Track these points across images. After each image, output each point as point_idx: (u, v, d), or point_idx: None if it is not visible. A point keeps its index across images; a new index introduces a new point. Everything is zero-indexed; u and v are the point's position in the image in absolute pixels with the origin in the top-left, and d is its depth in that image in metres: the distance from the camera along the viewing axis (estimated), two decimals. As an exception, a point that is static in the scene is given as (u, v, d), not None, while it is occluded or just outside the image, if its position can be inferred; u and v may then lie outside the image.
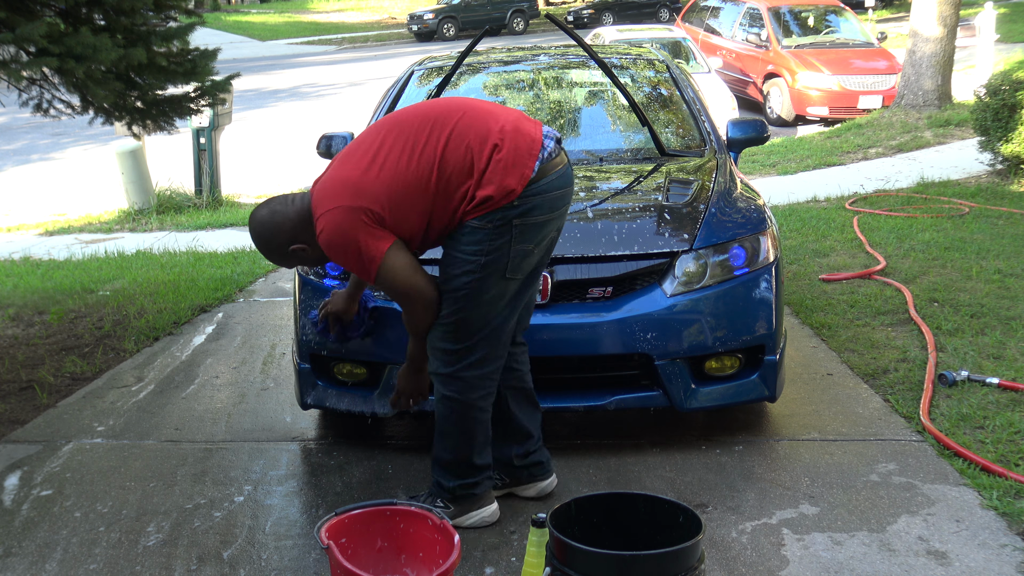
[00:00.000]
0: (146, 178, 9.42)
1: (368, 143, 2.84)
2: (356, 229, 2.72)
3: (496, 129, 2.80)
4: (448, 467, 3.06)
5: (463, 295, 2.84)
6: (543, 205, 2.84)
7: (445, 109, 2.87)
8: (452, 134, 2.79)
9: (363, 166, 2.78)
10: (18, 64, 4.13)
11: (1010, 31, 19.04)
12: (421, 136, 2.79)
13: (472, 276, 2.83)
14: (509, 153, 2.77)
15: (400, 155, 2.77)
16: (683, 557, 2.21)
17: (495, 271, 2.83)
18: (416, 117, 2.86)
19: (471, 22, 31.68)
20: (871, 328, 4.88)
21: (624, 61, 5.23)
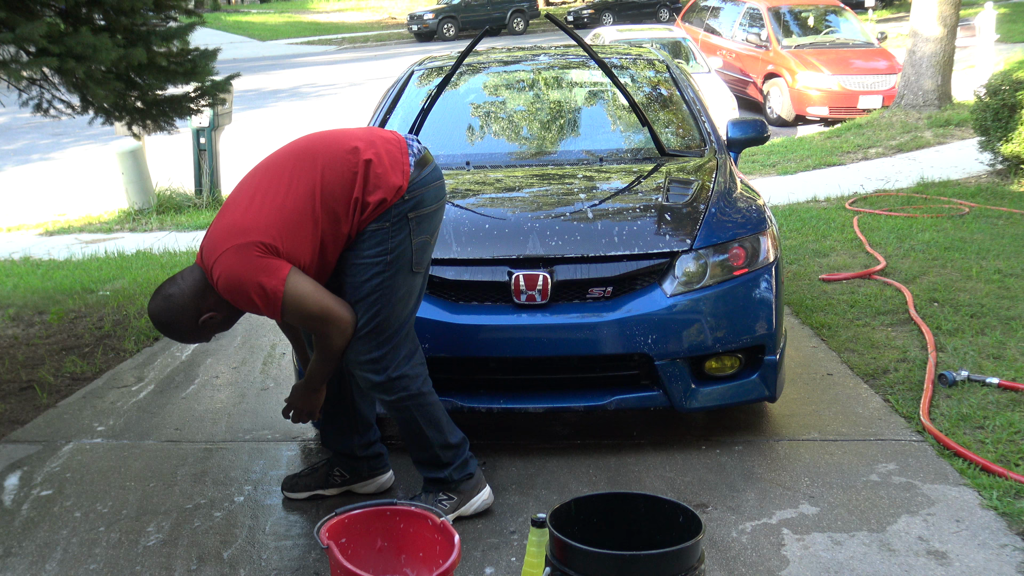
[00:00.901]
0: (146, 178, 9.41)
1: (240, 193, 2.89)
2: (251, 264, 2.71)
3: (363, 143, 2.89)
4: (432, 462, 3.10)
5: (376, 297, 2.88)
6: (428, 196, 2.95)
7: (304, 142, 2.97)
8: (324, 156, 2.86)
9: (241, 209, 2.82)
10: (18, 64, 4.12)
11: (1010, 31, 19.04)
12: (293, 169, 2.85)
13: (382, 276, 2.88)
14: (384, 157, 2.87)
15: (277, 192, 2.82)
16: (683, 557, 2.21)
17: (402, 267, 2.91)
18: (280, 157, 2.93)
19: (471, 22, 31.68)
20: (871, 328, 4.88)
21: (624, 61, 5.23)
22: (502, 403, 3.50)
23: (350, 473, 3.33)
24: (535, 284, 3.40)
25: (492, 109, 5.08)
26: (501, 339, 3.43)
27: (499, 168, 4.37)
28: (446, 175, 4.20)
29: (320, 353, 2.95)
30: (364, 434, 3.29)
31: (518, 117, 4.99)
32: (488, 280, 3.45)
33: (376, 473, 3.36)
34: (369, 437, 3.31)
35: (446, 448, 3.09)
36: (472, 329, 3.41)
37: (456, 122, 4.86)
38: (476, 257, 3.43)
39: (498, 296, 3.46)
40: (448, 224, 3.58)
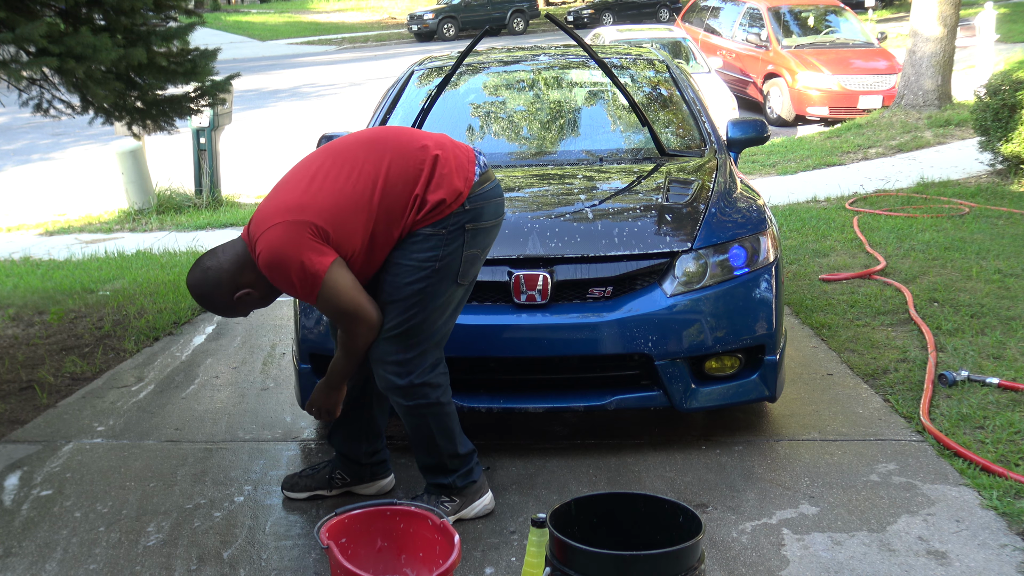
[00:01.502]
0: (146, 178, 9.41)
1: (301, 172, 2.85)
2: (299, 243, 2.67)
3: (432, 143, 2.88)
4: (438, 468, 3.09)
5: (415, 301, 2.85)
6: (488, 210, 2.91)
7: (375, 133, 2.95)
8: (393, 150, 2.83)
9: (300, 189, 2.78)
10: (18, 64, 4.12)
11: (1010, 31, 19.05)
12: (359, 157, 2.82)
13: (426, 282, 2.84)
14: (451, 160, 2.85)
15: (338, 176, 2.78)
16: (683, 557, 2.21)
17: (447, 276, 2.87)
18: (348, 143, 2.91)
19: (471, 22, 31.68)
20: (871, 328, 4.88)
21: (624, 61, 5.23)
22: (502, 403, 3.50)
23: (352, 476, 3.33)
24: (535, 284, 3.40)
25: (492, 109, 5.08)
26: (501, 339, 3.43)
27: (499, 168, 4.37)
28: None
29: (343, 350, 2.93)
30: (373, 442, 3.28)
31: (518, 117, 4.99)
32: (488, 280, 3.45)
33: (378, 477, 3.35)
34: (377, 445, 3.30)
35: (454, 457, 3.07)
36: (472, 329, 3.41)
37: (456, 122, 4.86)
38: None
39: (498, 296, 3.46)
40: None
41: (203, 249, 7.62)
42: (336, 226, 2.72)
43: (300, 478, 3.35)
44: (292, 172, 2.88)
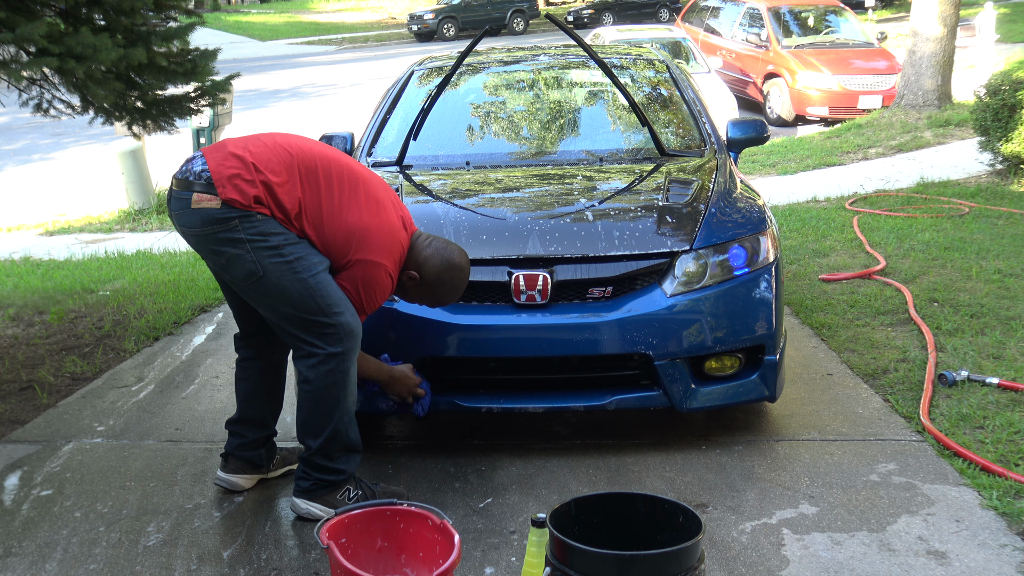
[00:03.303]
0: (146, 178, 9.41)
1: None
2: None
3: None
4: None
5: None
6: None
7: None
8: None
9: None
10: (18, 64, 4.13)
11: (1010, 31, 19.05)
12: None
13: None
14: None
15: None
16: (683, 557, 2.21)
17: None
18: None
19: (471, 22, 31.68)
20: (871, 328, 4.88)
21: (624, 61, 5.23)
22: (502, 403, 3.50)
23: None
24: (535, 284, 3.40)
25: (492, 109, 5.08)
26: (501, 339, 3.43)
27: (499, 168, 4.37)
28: (446, 175, 4.23)
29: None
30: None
31: (518, 117, 4.99)
32: (488, 280, 3.45)
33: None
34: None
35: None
36: (472, 329, 3.41)
37: (456, 122, 4.86)
38: (476, 257, 3.43)
39: (498, 296, 3.46)
40: (448, 224, 3.58)
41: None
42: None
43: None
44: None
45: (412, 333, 3.42)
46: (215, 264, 3.01)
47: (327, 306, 2.92)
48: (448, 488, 3.37)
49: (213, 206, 2.86)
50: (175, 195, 2.97)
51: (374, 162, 4.44)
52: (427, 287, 3.13)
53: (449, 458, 3.59)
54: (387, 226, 3.01)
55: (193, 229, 2.93)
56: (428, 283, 3.12)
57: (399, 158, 4.37)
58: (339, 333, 2.94)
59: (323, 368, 2.96)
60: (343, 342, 2.95)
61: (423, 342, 3.43)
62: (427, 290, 3.15)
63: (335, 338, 2.94)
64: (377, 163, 4.43)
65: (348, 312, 2.95)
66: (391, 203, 3.08)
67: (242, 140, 3.00)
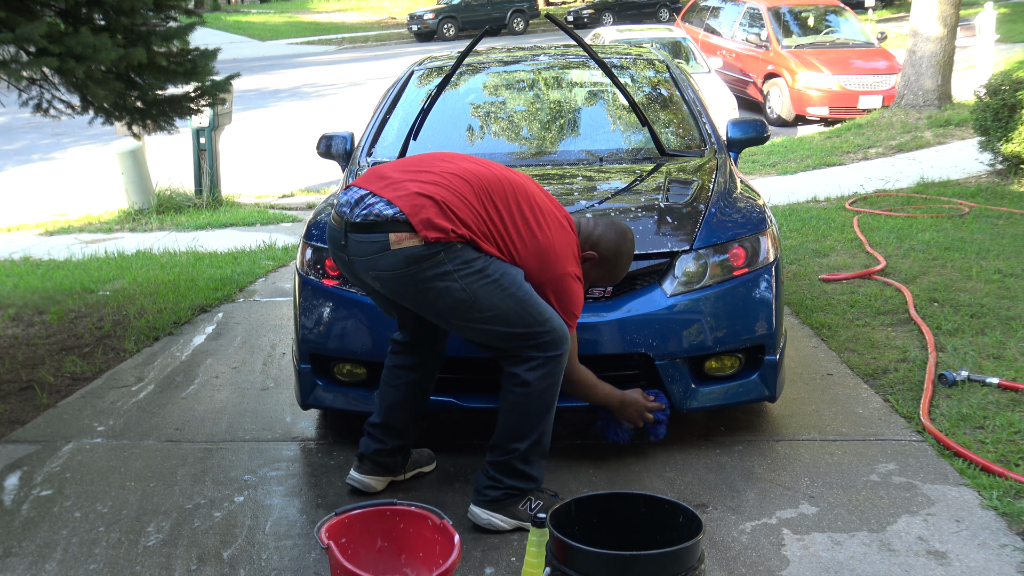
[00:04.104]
0: (146, 178, 9.41)
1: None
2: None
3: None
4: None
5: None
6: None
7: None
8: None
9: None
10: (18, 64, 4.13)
11: (1010, 31, 19.05)
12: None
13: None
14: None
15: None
16: (683, 557, 2.21)
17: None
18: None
19: (471, 22, 31.69)
20: (871, 328, 4.88)
21: (624, 61, 5.23)
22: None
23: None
24: (535, 284, 3.39)
25: (492, 109, 5.08)
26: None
27: (499, 168, 4.36)
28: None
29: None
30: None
31: (518, 117, 4.99)
32: (488, 280, 3.44)
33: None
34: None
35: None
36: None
37: (456, 122, 4.85)
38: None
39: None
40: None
41: (203, 249, 7.61)
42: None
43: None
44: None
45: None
46: (420, 301, 2.91)
47: (539, 314, 2.91)
48: (448, 488, 3.37)
49: (415, 244, 2.79)
50: (361, 239, 2.86)
51: (374, 162, 4.44)
52: (606, 263, 3.18)
53: (449, 458, 3.59)
54: (563, 237, 3.03)
55: (394, 271, 2.84)
56: (607, 259, 3.17)
57: (399, 158, 4.37)
58: (554, 338, 2.94)
59: (542, 371, 2.95)
60: (559, 346, 2.95)
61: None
62: (606, 266, 3.19)
63: (552, 344, 2.94)
64: (377, 163, 4.42)
65: (555, 317, 2.96)
66: (554, 206, 3.09)
67: (415, 174, 2.91)
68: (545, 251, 2.96)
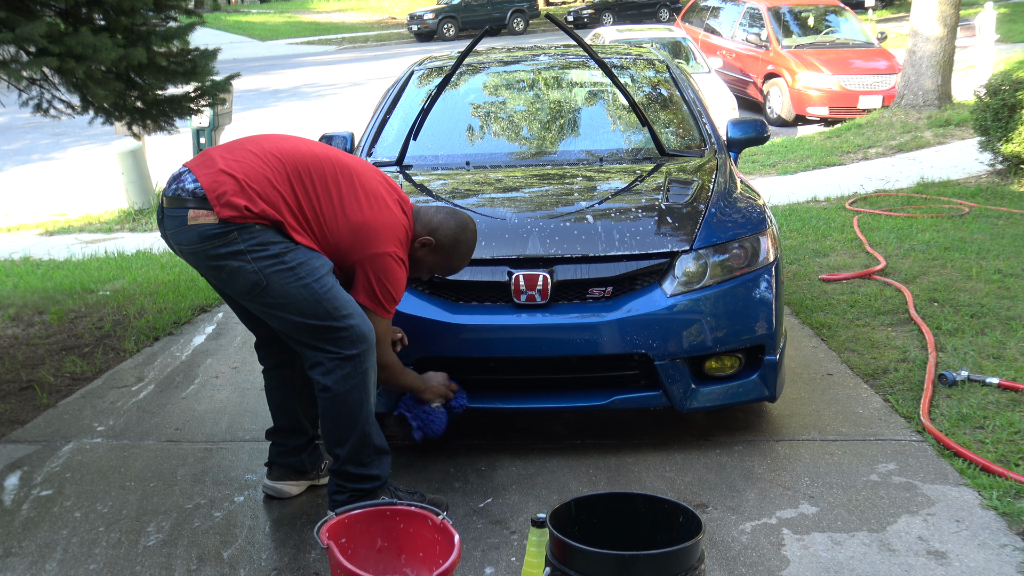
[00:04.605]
0: (146, 178, 9.42)
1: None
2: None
3: None
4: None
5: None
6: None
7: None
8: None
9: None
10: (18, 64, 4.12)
11: (1010, 31, 19.05)
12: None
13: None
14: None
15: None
16: (683, 557, 2.21)
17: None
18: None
19: (471, 22, 31.69)
20: (871, 328, 4.88)
21: (624, 61, 5.23)
22: (502, 403, 3.50)
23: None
24: (535, 284, 3.40)
25: (492, 109, 5.08)
26: (501, 339, 3.43)
27: (499, 168, 4.37)
28: (446, 175, 4.23)
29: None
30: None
31: (518, 117, 4.99)
32: (488, 280, 3.45)
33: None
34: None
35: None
36: (472, 329, 3.41)
37: (456, 122, 4.86)
38: (476, 257, 3.42)
39: (498, 296, 3.46)
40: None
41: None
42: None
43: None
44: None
45: (412, 333, 3.42)
46: (216, 279, 2.96)
47: (335, 309, 2.88)
48: (448, 488, 3.37)
49: (210, 222, 2.81)
50: (168, 214, 2.91)
51: (374, 162, 4.44)
52: (443, 251, 3.16)
53: (449, 458, 3.59)
54: (388, 217, 3.00)
55: (191, 246, 2.87)
56: (444, 246, 3.15)
57: (399, 158, 4.37)
58: (352, 336, 2.91)
59: (340, 373, 2.93)
60: (356, 344, 2.92)
61: (423, 342, 3.43)
62: (442, 255, 3.17)
63: (348, 341, 2.91)
64: (377, 163, 4.42)
65: (357, 314, 2.93)
66: (386, 190, 3.07)
67: (229, 152, 2.93)
68: (362, 227, 2.94)
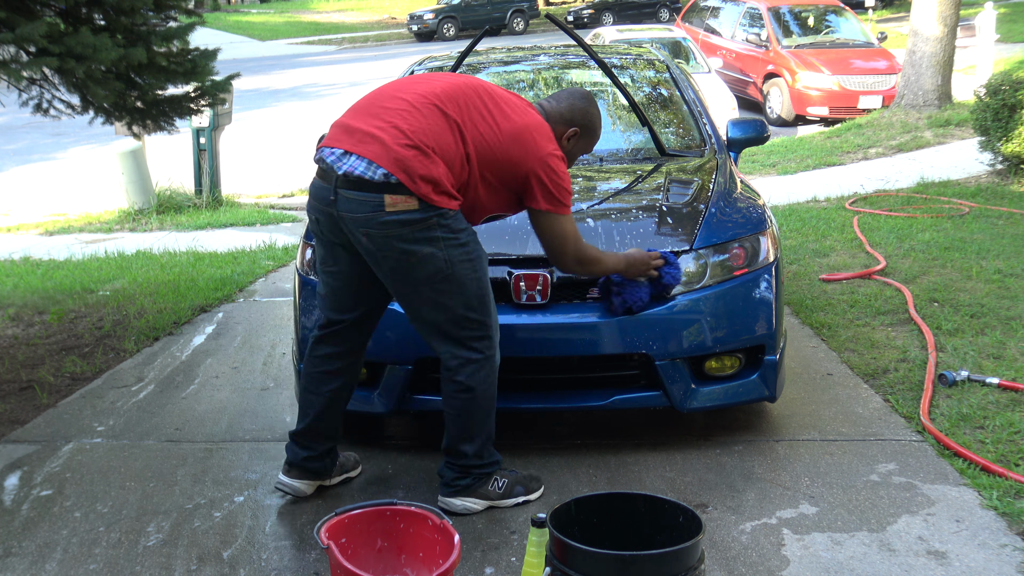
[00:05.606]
0: (146, 178, 9.41)
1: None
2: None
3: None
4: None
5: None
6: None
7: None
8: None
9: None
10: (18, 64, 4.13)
11: (1010, 31, 19.05)
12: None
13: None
14: None
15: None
16: (683, 557, 2.21)
17: None
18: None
19: (471, 22, 31.69)
20: (871, 328, 4.88)
21: (624, 61, 5.23)
22: (502, 403, 3.49)
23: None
24: (535, 284, 3.40)
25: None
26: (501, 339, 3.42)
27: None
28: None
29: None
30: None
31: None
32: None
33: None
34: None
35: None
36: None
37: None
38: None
39: (498, 296, 3.45)
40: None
41: (203, 249, 7.61)
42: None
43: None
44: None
45: (412, 333, 3.41)
46: (397, 263, 2.89)
47: (491, 304, 3.00)
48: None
49: (411, 207, 2.80)
50: (346, 196, 2.85)
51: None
52: (588, 131, 3.22)
53: (449, 458, 3.59)
54: (534, 118, 3.05)
55: (386, 230, 2.84)
56: (587, 126, 3.21)
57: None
58: (492, 335, 3.02)
59: (482, 374, 3.01)
60: (494, 344, 3.03)
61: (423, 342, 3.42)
62: (588, 135, 3.23)
63: (490, 340, 3.01)
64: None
65: (495, 315, 3.06)
66: (515, 96, 3.12)
67: (383, 113, 2.93)
68: (522, 134, 2.97)
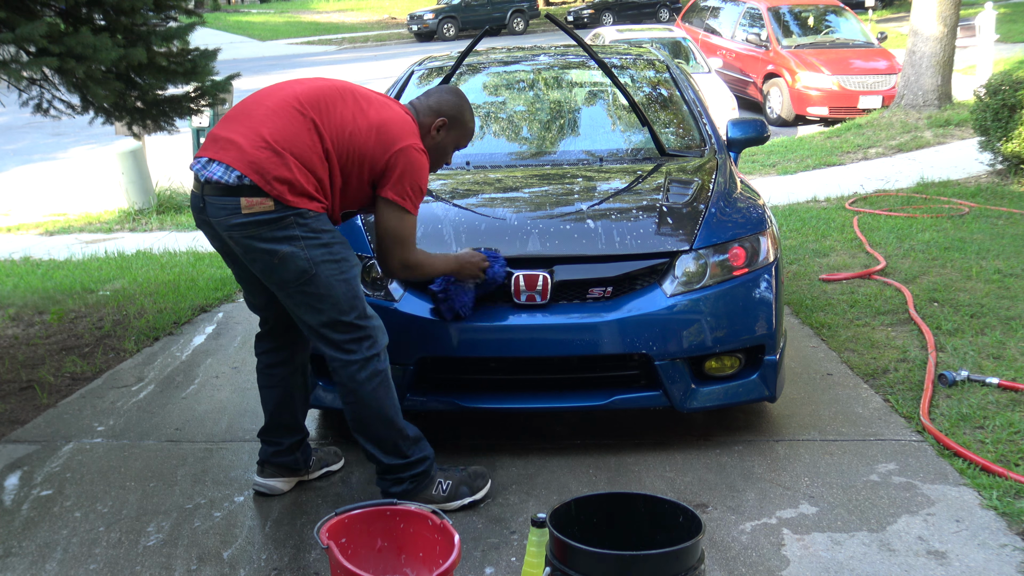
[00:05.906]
0: (146, 178, 9.42)
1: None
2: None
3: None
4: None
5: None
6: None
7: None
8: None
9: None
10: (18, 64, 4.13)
11: (1010, 31, 19.06)
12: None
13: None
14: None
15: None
16: (683, 557, 2.21)
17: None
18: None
19: (471, 22, 31.69)
20: (871, 328, 4.88)
21: (624, 61, 5.23)
22: (502, 403, 3.50)
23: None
24: (535, 284, 3.40)
25: (492, 109, 5.08)
26: (501, 339, 3.43)
27: (499, 168, 4.37)
28: (446, 175, 4.23)
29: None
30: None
31: (518, 117, 4.99)
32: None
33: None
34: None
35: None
36: (472, 329, 3.41)
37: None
38: (476, 257, 3.43)
39: (498, 296, 3.46)
40: (448, 224, 3.58)
41: (203, 249, 7.61)
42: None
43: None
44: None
45: (412, 333, 3.42)
46: (264, 264, 2.92)
47: (363, 307, 3.00)
48: (448, 488, 3.37)
49: (266, 208, 2.83)
50: (211, 202, 2.89)
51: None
52: (457, 124, 3.24)
53: (449, 458, 3.58)
54: (397, 112, 3.09)
55: (245, 232, 2.87)
56: (456, 118, 3.23)
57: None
58: (374, 335, 3.02)
59: (363, 375, 2.99)
60: (377, 343, 3.02)
61: (423, 342, 3.43)
62: (458, 127, 3.25)
63: (370, 340, 3.00)
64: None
65: (375, 314, 3.06)
66: (380, 94, 3.18)
67: (246, 120, 2.97)
68: (382, 126, 3.00)
